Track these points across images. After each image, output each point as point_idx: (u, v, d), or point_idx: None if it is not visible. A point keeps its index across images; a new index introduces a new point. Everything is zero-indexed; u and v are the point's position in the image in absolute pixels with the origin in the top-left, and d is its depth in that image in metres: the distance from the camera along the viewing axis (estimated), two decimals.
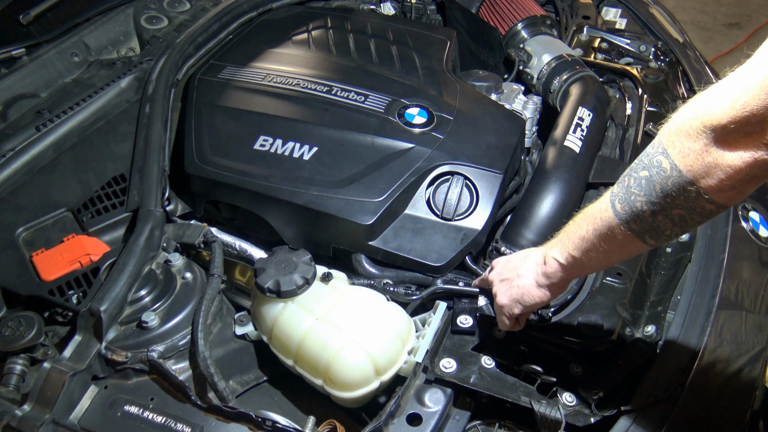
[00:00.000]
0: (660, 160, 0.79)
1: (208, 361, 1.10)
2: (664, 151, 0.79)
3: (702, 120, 0.74)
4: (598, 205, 0.89)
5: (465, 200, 1.37)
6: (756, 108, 0.69)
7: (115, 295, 1.14)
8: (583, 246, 0.91)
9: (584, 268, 0.96)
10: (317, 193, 1.33)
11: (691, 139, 0.75)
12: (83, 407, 1.08)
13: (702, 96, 0.76)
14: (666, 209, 0.81)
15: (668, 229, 0.83)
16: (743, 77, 0.72)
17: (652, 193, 0.81)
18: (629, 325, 1.19)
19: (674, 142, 0.77)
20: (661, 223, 0.83)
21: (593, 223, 0.89)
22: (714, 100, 0.74)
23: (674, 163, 0.77)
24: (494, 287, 1.09)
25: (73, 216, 1.35)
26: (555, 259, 0.96)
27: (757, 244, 1.42)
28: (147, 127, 1.49)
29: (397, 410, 1.06)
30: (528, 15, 2.00)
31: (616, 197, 0.85)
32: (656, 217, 0.82)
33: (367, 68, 1.65)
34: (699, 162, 0.75)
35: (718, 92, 0.74)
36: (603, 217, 0.87)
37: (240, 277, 1.36)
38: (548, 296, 1.01)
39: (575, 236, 0.92)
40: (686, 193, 0.78)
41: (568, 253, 0.94)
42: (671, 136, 0.78)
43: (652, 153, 0.81)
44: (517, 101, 1.71)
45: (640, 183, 0.82)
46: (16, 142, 1.46)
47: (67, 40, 1.73)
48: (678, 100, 1.73)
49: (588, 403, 1.06)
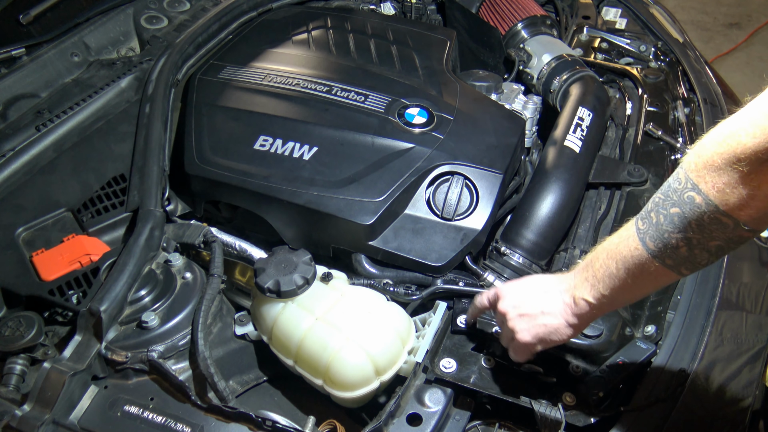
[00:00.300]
0: (692, 196, 0.78)
1: (208, 361, 1.10)
2: (695, 186, 0.77)
3: (734, 153, 0.73)
4: (626, 243, 0.87)
5: (465, 200, 1.37)
6: None
7: (115, 295, 1.14)
8: (613, 284, 0.89)
9: (615, 304, 0.94)
10: (317, 193, 1.33)
11: (724, 173, 0.74)
12: (83, 407, 1.08)
13: (725, 126, 0.75)
14: (703, 243, 0.80)
15: (705, 259, 0.83)
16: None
17: (687, 230, 0.80)
18: (629, 325, 1.19)
19: (705, 177, 0.76)
20: (697, 255, 0.82)
21: (624, 262, 0.87)
22: (741, 131, 0.72)
23: (709, 199, 0.76)
24: (510, 321, 1.02)
25: (73, 216, 1.35)
26: (585, 300, 0.93)
27: (757, 244, 1.42)
28: (147, 127, 1.49)
29: (397, 410, 1.06)
30: (528, 15, 2.00)
31: (646, 234, 0.84)
32: (693, 251, 0.82)
33: (367, 68, 1.65)
34: (735, 195, 0.75)
35: (744, 122, 0.73)
36: (634, 255, 0.85)
37: (240, 277, 1.36)
38: (574, 334, 0.99)
39: (603, 275, 0.90)
40: (723, 226, 0.78)
41: (599, 292, 0.91)
42: (700, 171, 0.77)
43: (681, 189, 0.79)
44: (517, 101, 1.71)
45: (672, 220, 0.81)
46: (16, 142, 1.46)
47: (67, 40, 1.73)
48: (678, 100, 1.73)
49: (588, 403, 1.06)
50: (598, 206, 1.46)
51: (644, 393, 1.06)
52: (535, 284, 1.03)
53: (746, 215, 0.76)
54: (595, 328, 1.13)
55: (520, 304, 1.01)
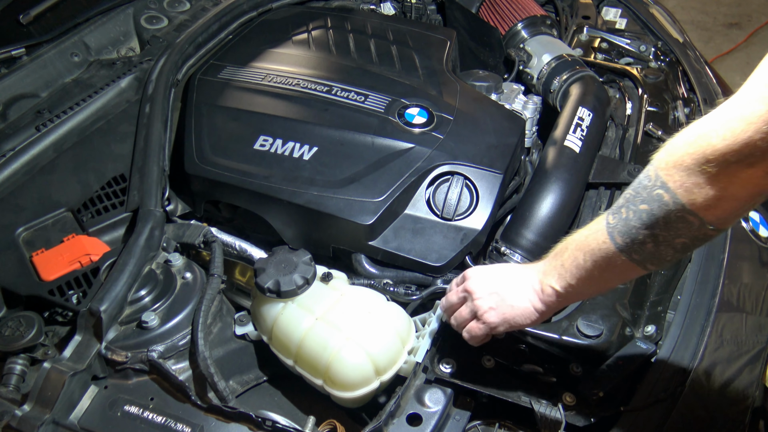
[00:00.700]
0: (660, 194, 0.79)
1: (208, 361, 1.10)
2: (664, 184, 0.78)
3: (703, 153, 0.74)
4: (594, 236, 0.88)
5: (465, 200, 1.37)
6: (760, 140, 0.69)
7: (115, 295, 1.14)
8: (580, 275, 0.91)
9: (581, 295, 0.97)
10: (317, 193, 1.33)
11: (693, 173, 0.75)
12: (83, 407, 1.08)
13: (697, 127, 0.76)
14: (669, 240, 0.82)
15: (670, 255, 0.84)
16: (740, 108, 0.71)
17: (655, 227, 0.81)
18: (629, 325, 1.19)
19: (674, 175, 0.77)
20: (663, 251, 0.83)
21: (591, 254, 0.88)
22: (712, 132, 0.73)
23: (677, 198, 0.77)
24: (477, 300, 1.03)
25: (73, 216, 1.35)
26: (553, 288, 0.95)
27: (757, 244, 1.42)
28: (147, 127, 1.49)
29: (397, 410, 1.06)
30: (528, 15, 2.00)
31: (615, 229, 0.85)
32: (659, 247, 0.83)
33: (367, 68, 1.65)
34: (702, 196, 0.75)
35: (716, 124, 0.73)
36: (602, 249, 0.87)
37: (240, 277, 1.36)
38: (539, 320, 1.00)
39: (571, 266, 0.92)
40: (689, 224, 0.79)
41: (566, 282, 0.93)
42: (670, 170, 0.78)
43: (651, 186, 0.80)
44: (517, 101, 1.71)
45: (640, 216, 0.82)
46: (16, 142, 1.46)
47: (67, 40, 1.73)
48: (678, 100, 1.73)
49: (588, 403, 1.06)
50: (598, 206, 1.46)
51: (644, 393, 1.06)
52: (505, 269, 1.06)
53: (712, 215, 0.77)
54: (595, 328, 1.13)
55: (489, 283, 1.03)
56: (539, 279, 0.97)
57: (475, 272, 1.07)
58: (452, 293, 1.10)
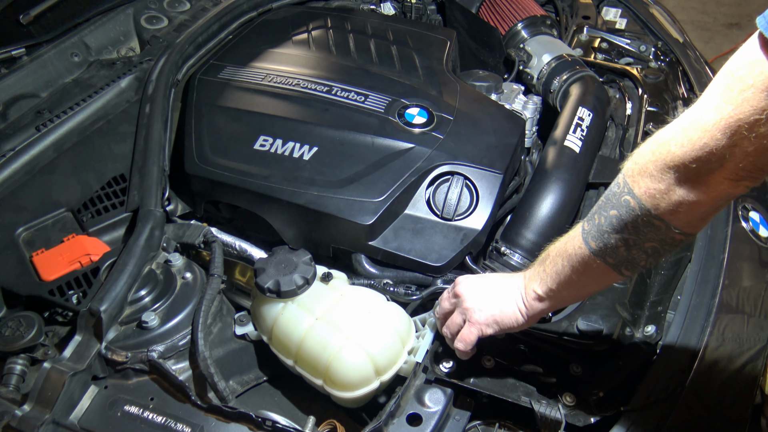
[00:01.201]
0: (628, 200, 0.82)
1: (208, 361, 1.10)
2: (630, 191, 0.82)
3: (664, 161, 0.77)
4: (572, 242, 0.92)
5: (465, 200, 1.37)
6: (715, 147, 0.71)
7: (115, 295, 1.14)
8: (560, 280, 0.95)
9: (564, 300, 1.00)
10: (317, 193, 1.33)
11: (655, 180, 0.78)
12: (83, 407, 1.08)
13: (660, 136, 0.79)
14: (639, 244, 0.85)
15: (642, 260, 0.87)
16: (697, 118, 0.74)
17: (624, 231, 0.84)
18: (629, 325, 1.19)
19: (638, 182, 0.81)
20: (635, 255, 0.87)
21: (569, 259, 0.92)
22: (672, 141, 0.76)
23: (642, 203, 0.81)
24: (466, 302, 1.05)
25: (73, 216, 1.35)
26: (536, 292, 0.99)
27: (757, 244, 1.42)
28: (147, 127, 1.49)
29: (397, 410, 1.06)
30: (528, 15, 2.00)
31: (589, 234, 0.89)
32: (630, 251, 0.86)
33: (367, 68, 1.65)
34: (665, 201, 0.79)
35: (676, 133, 0.76)
36: (578, 254, 0.90)
37: (240, 277, 1.36)
38: (525, 324, 1.03)
39: (552, 271, 0.95)
40: (656, 229, 0.82)
41: (547, 287, 0.97)
42: (635, 177, 0.81)
43: (619, 192, 0.84)
44: (517, 101, 1.71)
45: (611, 222, 0.85)
46: (16, 142, 1.46)
47: (67, 40, 1.73)
48: (678, 100, 1.73)
49: (588, 403, 1.06)
50: None
51: (644, 393, 1.06)
52: (494, 276, 1.10)
53: (678, 220, 0.80)
54: (595, 328, 1.13)
55: (478, 288, 1.06)
56: (524, 284, 1.01)
57: (465, 278, 1.10)
58: (444, 300, 1.13)
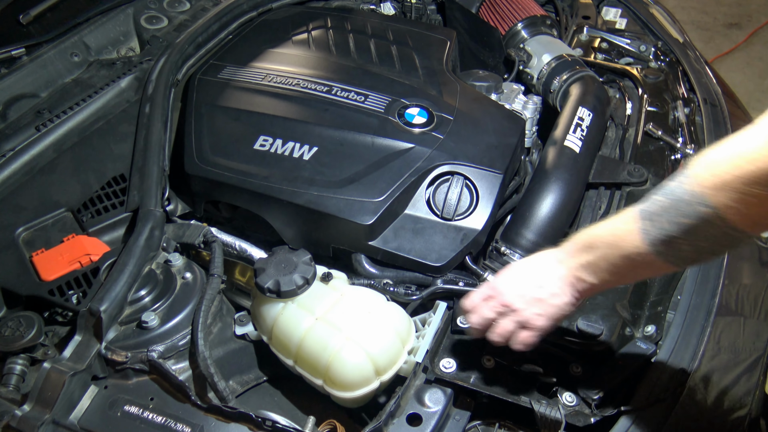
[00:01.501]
0: (705, 212, 0.78)
1: (208, 361, 1.10)
2: (707, 204, 0.78)
3: (753, 175, 0.73)
4: (630, 239, 0.87)
5: (465, 200, 1.37)
6: None
7: (115, 295, 1.14)
8: (617, 271, 0.92)
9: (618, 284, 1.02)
10: (317, 193, 1.33)
11: (739, 193, 0.74)
12: (83, 407, 1.08)
13: (742, 145, 0.76)
14: (712, 248, 0.84)
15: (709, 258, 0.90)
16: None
17: (697, 240, 0.81)
18: (629, 325, 1.19)
19: (718, 195, 0.76)
20: (703, 257, 0.89)
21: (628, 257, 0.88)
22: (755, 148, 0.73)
23: (722, 218, 0.77)
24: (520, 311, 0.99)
25: (73, 216, 1.35)
26: (589, 282, 0.96)
27: (757, 244, 1.42)
28: (147, 127, 1.49)
29: (397, 410, 1.06)
30: (528, 15, 2.00)
31: (651, 235, 0.85)
32: (701, 255, 0.86)
33: (367, 68, 1.65)
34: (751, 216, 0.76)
35: (758, 139, 0.73)
36: (640, 253, 0.86)
37: (240, 277, 1.36)
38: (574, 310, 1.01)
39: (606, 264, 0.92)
40: (733, 239, 0.80)
41: (602, 278, 0.94)
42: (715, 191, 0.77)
43: (694, 202, 0.79)
44: (517, 101, 1.71)
45: (682, 229, 0.81)
46: (16, 142, 1.46)
47: (67, 40, 1.73)
48: (678, 100, 1.73)
49: (588, 403, 1.06)
50: (598, 206, 1.46)
51: (644, 393, 1.06)
52: (528, 269, 1.03)
53: (758, 230, 0.78)
54: (595, 328, 1.13)
55: (525, 291, 1.00)
56: (572, 273, 0.97)
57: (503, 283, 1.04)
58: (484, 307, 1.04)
